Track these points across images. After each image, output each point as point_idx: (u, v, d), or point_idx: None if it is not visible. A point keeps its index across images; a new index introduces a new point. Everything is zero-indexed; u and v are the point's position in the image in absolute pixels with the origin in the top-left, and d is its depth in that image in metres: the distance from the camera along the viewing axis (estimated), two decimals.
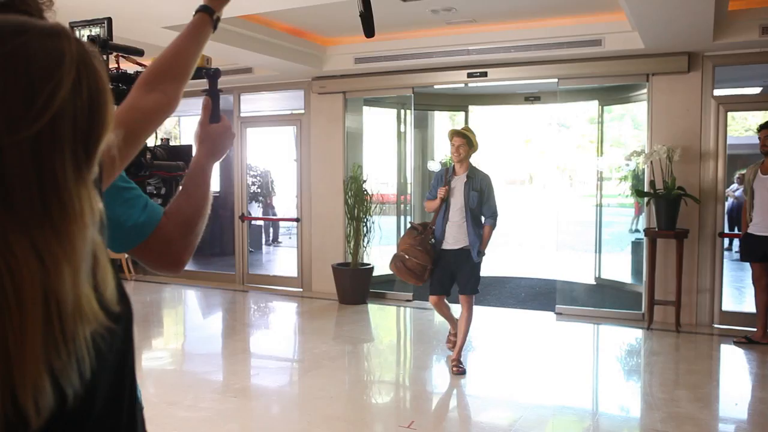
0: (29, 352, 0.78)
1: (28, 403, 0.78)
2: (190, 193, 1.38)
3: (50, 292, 0.79)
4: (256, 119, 9.43)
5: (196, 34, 1.46)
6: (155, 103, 1.37)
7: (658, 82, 6.88)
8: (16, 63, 0.80)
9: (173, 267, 1.37)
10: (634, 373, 5.68)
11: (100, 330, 0.85)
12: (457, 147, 5.25)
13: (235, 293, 8.86)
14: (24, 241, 0.79)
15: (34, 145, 0.79)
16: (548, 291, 8.32)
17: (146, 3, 4.67)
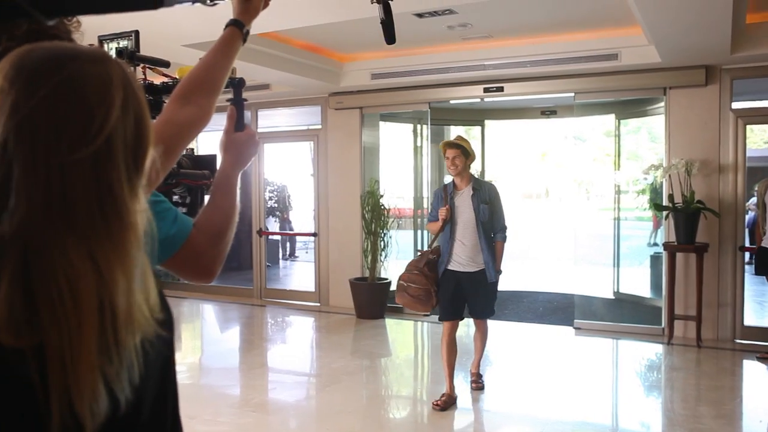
0: (86, 360, 0.81)
1: (84, 410, 0.81)
2: (218, 203, 1.40)
3: (105, 301, 0.83)
4: (273, 135, 9.50)
5: (227, 48, 1.49)
6: (190, 116, 1.40)
7: (675, 96, 6.86)
8: (73, 87, 0.85)
9: (205, 277, 1.38)
10: (655, 388, 5.63)
11: (148, 336, 0.89)
12: (452, 159, 4.82)
13: (253, 308, 8.89)
14: (83, 253, 0.82)
15: (94, 162, 0.84)
16: (566, 305, 8.27)
17: (167, 22, 4.74)
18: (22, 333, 0.79)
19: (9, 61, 0.87)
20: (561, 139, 24.98)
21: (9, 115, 0.83)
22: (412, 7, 5.33)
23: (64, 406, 0.80)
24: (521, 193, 35.83)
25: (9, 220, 0.81)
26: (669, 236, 6.78)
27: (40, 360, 0.79)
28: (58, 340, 0.79)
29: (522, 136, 27.28)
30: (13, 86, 0.84)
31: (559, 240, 17.15)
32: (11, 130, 0.82)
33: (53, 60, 0.86)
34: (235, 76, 1.66)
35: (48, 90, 0.84)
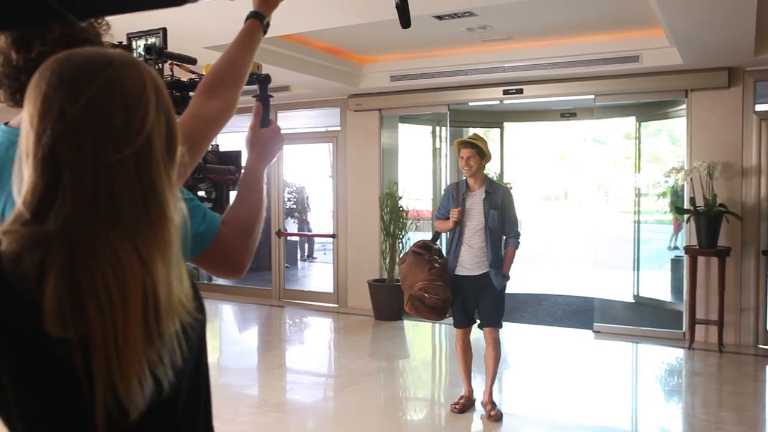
0: (131, 348, 0.85)
1: (128, 397, 0.85)
2: (245, 198, 1.42)
3: (149, 290, 0.87)
4: (292, 136, 9.54)
5: (248, 40, 1.52)
6: (216, 109, 1.43)
7: (697, 98, 6.79)
8: (113, 91, 0.90)
9: (235, 272, 1.40)
10: (676, 393, 5.58)
11: (186, 322, 0.94)
12: (466, 159, 4.58)
13: (272, 308, 8.93)
14: (128, 246, 0.87)
15: (136, 160, 0.90)
16: (585, 309, 8.21)
17: (189, 24, 4.79)
18: (68, 324, 0.83)
19: (50, 69, 0.91)
20: (580, 142, 24.82)
21: (56, 121, 0.87)
22: (432, 9, 5.34)
23: (109, 394, 0.84)
24: (540, 196, 35.64)
25: (55, 219, 0.85)
26: (690, 240, 6.72)
27: (85, 350, 0.84)
28: (103, 330, 0.84)
29: (541, 139, 27.14)
30: (58, 92, 0.88)
31: (579, 242, 17.05)
32: (59, 135, 0.87)
33: (91, 66, 0.91)
34: (261, 72, 1.69)
35: (90, 95, 0.88)
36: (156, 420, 0.94)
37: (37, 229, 0.86)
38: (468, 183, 4.70)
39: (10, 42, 1.28)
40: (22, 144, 0.91)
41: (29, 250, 0.85)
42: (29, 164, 0.88)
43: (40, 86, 0.90)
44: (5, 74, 1.30)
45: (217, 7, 4.41)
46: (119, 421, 0.86)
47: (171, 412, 0.98)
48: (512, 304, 8.92)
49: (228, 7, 4.05)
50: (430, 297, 4.52)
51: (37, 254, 0.85)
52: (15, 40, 1.28)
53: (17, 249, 0.85)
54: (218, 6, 4.39)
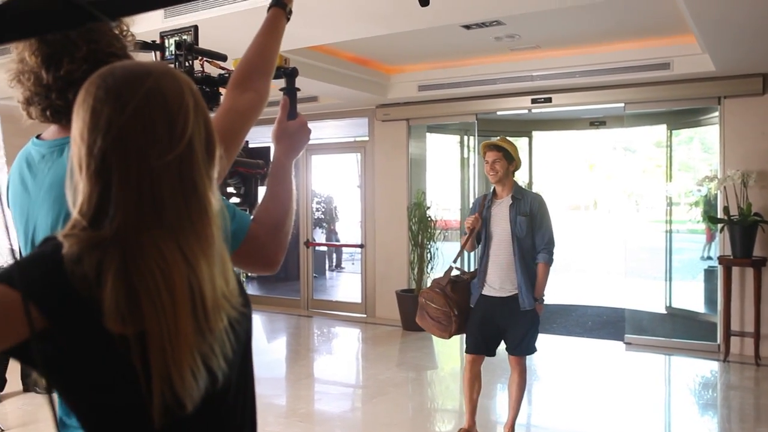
0: (183, 342, 0.90)
1: (183, 389, 0.90)
2: (275, 192, 1.44)
3: (195, 288, 0.92)
4: (320, 146, 9.60)
5: (273, 29, 1.55)
6: (250, 102, 1.46)
7: (730, 105, 6.68)
8: (156, 99, 0.94)
9: (269, 268, 1.43)
10: (710, 407, 5.45)
11: (233, 316, 0.98)
12: (491, 163, 4.13)
13: (300, 318, 8.96)
14: (173, 246, 0.91)
15: (179, 164, 0.94)
16: (616, 320, 8.09)
17: (214, 36, 4.85)
18: (126, 322, 0.88)
19: (95, 84, 0.95)
20: (610, 150, 24.55)
21: (105, 131, 0.92)
22: (460, 19, 5.33)
23: (165, 388, 0.89)
24: (569, 205, 35.31)
25: (110, 224, 0.91)
26: (724, 250, 6.59)
27: (142, 346, 0.89)
28: (158, 327, 0.88)
29: (570, 147, 26.92)
30: (105, 105, 0.92)
31: (609, 252, 16.84)
32: (109, 144, 0.91)
33: (133, 77, 0.95)
34: (288, 66, 1.71)
35: (134, 105, 0.92)
36: (209, 412, 0.98)
37: (94, 233, 0.91)
38: (495, 190, 4.24)
39: (40, 61, 1.31)
40: (73, 158, 0.95)
41: (88, 253, 0.90)
42: (83, 176, 0.93)
43: (87, 101, 0.95)
44: (36, 92, 1.33)
45: (242, 18, 4.46)
46: (175, 413, 0.90)
47: (223, 403, 1.02)
48: (542, 314, 8.83)
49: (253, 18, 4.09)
50: (428, 305, 4.15)
51: (95, 256, 0.89)
52: (45, 59, 1.31)
53: (78, 251, 0.90)
54: (243, 18, 4.44)
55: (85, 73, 1.31)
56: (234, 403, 1.06)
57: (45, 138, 1.41)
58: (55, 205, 1.30)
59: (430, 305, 4.13)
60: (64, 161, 1.33)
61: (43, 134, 1.43)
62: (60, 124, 1.38)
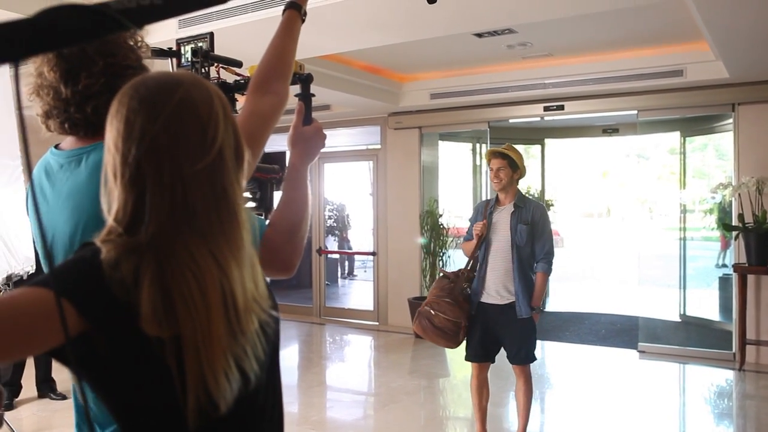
0: (216, 344, 0.92)
1: (217, 390, 0.92)
2: (290, 197, 1.46)
3: (227, 291, 0.94)
4: (332, 154, 9.63)
5: (289, 30, 1.57)
6: (271, 104, 1.49)
7: (745, 112, 6.64)
8: (187, 108, 0.97)
9: (285, 272, 1.44)
10: (726, 417, 5.40)
11: (263, 319, 1.01)
12: (496, 171, 4.13)
13: (312, 326, 8.97)
14: (205, 251, 0.94)
15: (210, 171, 0.97)
16: (630, 328, 8.04)
17: (228, 46, 4.89)
18: (162, 325, 0.90)
19: (127, 95, 0.98)
20: (623, 158, 24.45)
21: (139, 141, 0.94)
22: (472, 28, 5.35)
23: (200, 389, 0.91)
24: (582, 213, 35.16)
25: (145, 230, 0.93)
26: (739, 257, 6.54)
27: (178, 349, 0.91)
28: (192, 330, 0.91)
29: (583, 155, 26.83)
30: (138, 115, 0.95)
31: (622, 260, 16.74)
32: (143, 153, 0.94)
33: (164, 87, 0.98)
34: (303, 72, 1.73)
35: (167, 114, 0.95)
36: (241, 412, 1.00)
37: (131, 239, 0.94)
38: (498, 198, 4.24)
39: (59, 76, 1.34)
40: (107, 166, 0.98)
41: (126, 258, 0.92)
42: (118, 184, 0.96)
43: (121, 111, 0.97)
44: (55, 106, 1.36)
45: (254, 28, 4.50)
46: (209, 414, 0.92)
47: (254, 404, 1.04)
48: (555, 322, 8.80)
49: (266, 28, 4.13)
50: (437, 315, 4.02)
51: (132, 262, 0.92)
52: (63, 74, 1.34)
53: (115, 257, 0.92)
54: (256, 28, 4.48)
55: (102, 87, 1.33)
56: (264, 404, 1.08)
57: (63, 148, 1.44)
58: (74, 213, 1.33)
59: (440, 316, 4.03)
60: (82, 171, 1.35)
61: (61, 144, 1.46)
62: (78, 135, 1.41)
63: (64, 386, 5.49)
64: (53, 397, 5.40)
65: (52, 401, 5.36)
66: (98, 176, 1.29)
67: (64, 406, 5.23)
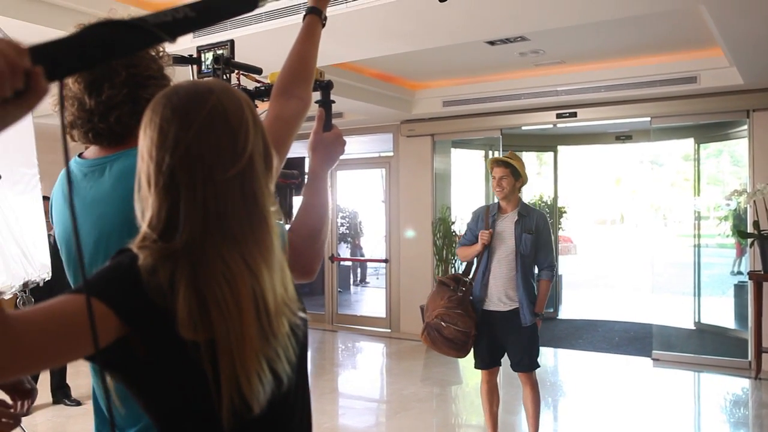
0: (249, 347, 0.94)
1: (251, 392, 0.95)
2: (311, 203, 1.49)
3: (258, 296, 0.96)
4: (345, 162, 9.64)
5: (311, 35, 1.59)
6: (295, 109, 1.51)
7: (759, 118, 6.60)
8: (219, 116, 0.99)
9: (306, 276, 1.47)
10: (742, 425, 5.35)
11: (294, 321, 1.04)
12: (498, 180, 4.14)
13: (324, 333, 8.98)
14: (237, 256, 0.96)
15: (241, 178, 0.99)
16: (644, 335, 7.99)
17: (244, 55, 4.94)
18: (198, 329, 0.92)
19: (161, 104, 1.00)
20: (636, 164, 24.33)
21: (173, 149, 0.96)
22: (484, 35, 5.36)
23: (234, 391, 0.93)
24: (595, 220, 34.98)
25: (180, 237, 0.95)
26: (755, 265, 6.48)
27: (212, 352, 0.93)
28: (226, 333, 0.93)
29: (596, 162, 26.73)
30: (171, 124, 0.97)
31: (636, 267, 16.64)
32: (177, 161, 0.96)
33: (197, 96, 1.00)
34: (324, 79, 1.75)
35: (200, 123, 0.97)
36: (273, 413, 1.02)
37: (166, 245, 0.96)
38: (500, 205, 4.24)
39: (83, 87, 1.37)
40: (141, 174, 1.00)
41: (162, 265, 0.94)
42: (152, 192, 0.98)
43: (154, 120, 0.99)
44: (79, 117, 1.39)
45: (271, 37, 4.54)
46: (243, 415, 0.94)
47: (285, 404, 1.06)
48: (568, 329, 8.76)
49: (283, 36, 4.16)
50: (448, 327, 4.01)
51: (168, 268, 0.94)
52: (87, 85, 1.37)
53: (152, 263, 0.95)
54: (273, 36, 4.52)
55: (125, 97, 1.36)
56: (294, 404, 1.10)
57: (86, 157, 1.46)
58: (99, 222, 1.35)
59: (451, 327, 4.02)
60: (106, 180, 1.38)
61: (85, 153, 1.48)
62: (101, 145, 1.43)
63: (78, 392, 5.53)
64: (68, 403, 5.44)
65: (67, 407, 5.40)
66: (122, 185, 1.31)
67: (78, 413, 5.27)
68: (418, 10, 4.26)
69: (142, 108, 1.31)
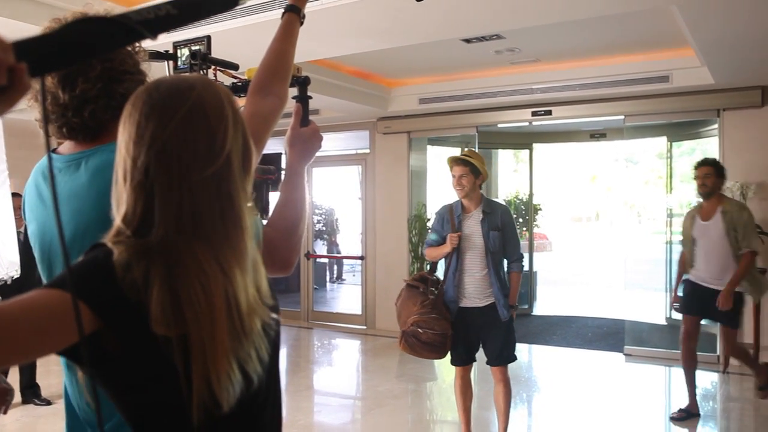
0: (220, 347, 0.95)
1: (220, 390, 0.95)
2: (288, 197, 1.49)
3: (231, 297, 0.96)
4: (322, 159, 9.63)
5: (288, 34, 1.60)
6: (272, 106, 1.52)
7: (729, 118, 6.72)
8: (198, 114, 0.99)
9: (283, 270, 1.48)
10: (710, 419, 5.45)
11: (267, 321, 1.03)
12: (458, 178, 4.11)
13: (300, 330, 8.97)
14: (210, 257, 0.96)
15: (217, 178, 0.98)
16: (616, 331, 8.10)
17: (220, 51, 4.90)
18: (171, 326, 0.92)
19: (141, 99, 1.00)
20: (611, 162, 24.60)
21: (149, 145, 0.96)
22: (460, 34, 5.38)
23: (204, 388, 0.93)
24: (571, 217, 35.32)
25: (155, 233, 0.95)
26: None
27: (184, 348, 0.93)
28: (198, 332, 0.93)
29: (571, 159, 26.98)
30: (149, 120, 0.97)
31: (610, 264, 16.83)
32: (152, 158, 0.96)
33: (177, 93, 0.99)
34: (301, 74, 1.76)
35: (177, 120, 0.97)
36: (244, 411, 1.02)
37: (142, 241, 0.96)
38: (463, 204, 4.20)
39: (56, 81, 1.35)
40: (118, 168, 1.00)
41: (137, 261, 0.94)
42: (127, 187, 0.97)
43: (133, 115, 0.99)
44: (53, 111, 1.37)
45: (248, 32, 4.51)
46: (213, 412, 0.95)
47: (255, 403, 1.06)
48: (542, 326, 8.84)
49: (255, 34, 4.14)
50: (425, 332, 3.98)
51: (143, 264, 0.94)
52: (61, 79, 1.35)
53: (127, 258, 0.94)
54: (249, 32, 4.49)
55: (99, 92, 1.35)
56: (264, 403, 1.11)
57: (61, 152, 1.44)
58: (75, 216, 1.34)
59: (428, 332, 3.99)
60: (82, 174, 1.36)
61: (59, 148, 1.47)
62: (76, 140, 1.42)
63: (49, 391, 5.46)
64: (38, 402, 5.37)
65: (37, 407, 5.33)
66: (98, 180, 1.30)
67: (48, 412, 5.20)
68: (394, 8, 4.27)
69: (117, 103, 1.30)
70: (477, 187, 4.16)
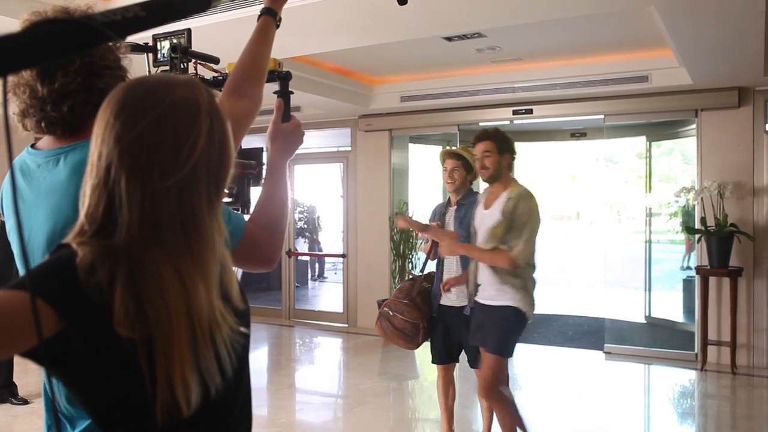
0: (178, 354, 0.94)
1: (180, 395, 0.94)
2: (270, 193, 1.48)
3: (192, 308, 0.95)
4: (303, 156, 9.59)
5: (264, 37, 1.59)
6: (246, 108, 1.51)
7: (707, 118, 6.79)
8: (167, 121, 0.96)
9: (265, 266, 1.47)
10: (688, 416, 5.51)
11: (233, 336, 1.02)
12: (450, 171, 4.08)
13: (281, 328, 8.93)
14: (170, 268, 0.95)
15: (180, 189, 0.96)
16: (596, 329, 8.16)
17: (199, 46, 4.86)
18: (134, 327, 0.91)
19: (116, 97, 0.98)
20: (591, 161, 24.77)
21: (113, 145, 0.95)
22: (442, 31, 5.39)
23: (166, 390, 0.93)
24: (551, 215, 35.52)
25: (119, 233, 0.94)
26: (702, 260, 6.68)
27: (149, 349, 0.92)
28: (161, 335, 0.92)
29: (551, 158, 27.12)
30: (117, 120, 0.95)
31: (590, 263, 16.96)
32: (114, 157, 0.94)
33: (151, 95, 0.97)
34: (282, 69, 1.75)
35: (144, 125, 0.95)
36: (207, 417, 1.02)
37: (106, 243, 0.95)
38: (450, 199, 4.19)
39: (35, 75, 1.33)
40: (88, 162, 0.99)
41: (101, 263, 0.93)
42: (90, 184, 0.97)
43: (105, 112, 0.97)
44: (31, 105, 1.35)
45: (227, 27, 4.47)
46: (175, 416, 0.94)
47: (219, 410, 1.06)
48: None
49: (234, 29, 4.11)
50: (395, 316, 3.95)
51: (107, 267, 0.93)
52: (39, 73, 1.33)
53: (91, 260, 0.93)
54: (229, 27, 4.45)
55: (78, 86, 1.33)
56: (229, 410, 1.10)
57: (40, 147, 1.42)
58: (53, 213, 1.32)
59: (398, 317, 3.95)
60: (60, 170, 1.34)
61: (38, 144, 1.44)
62: (55, 135, 1.39)
63: (26, 390, 5.39)
64: (14, 402, 5.29)
65: (13, 406, 5.25)
66: (78, 176, 1.28)
67: (25, 411, 5.13)
68: (374, 4, 4.25)
69: (96, 98, 1.27)
70: (467, 183, 4.13)
